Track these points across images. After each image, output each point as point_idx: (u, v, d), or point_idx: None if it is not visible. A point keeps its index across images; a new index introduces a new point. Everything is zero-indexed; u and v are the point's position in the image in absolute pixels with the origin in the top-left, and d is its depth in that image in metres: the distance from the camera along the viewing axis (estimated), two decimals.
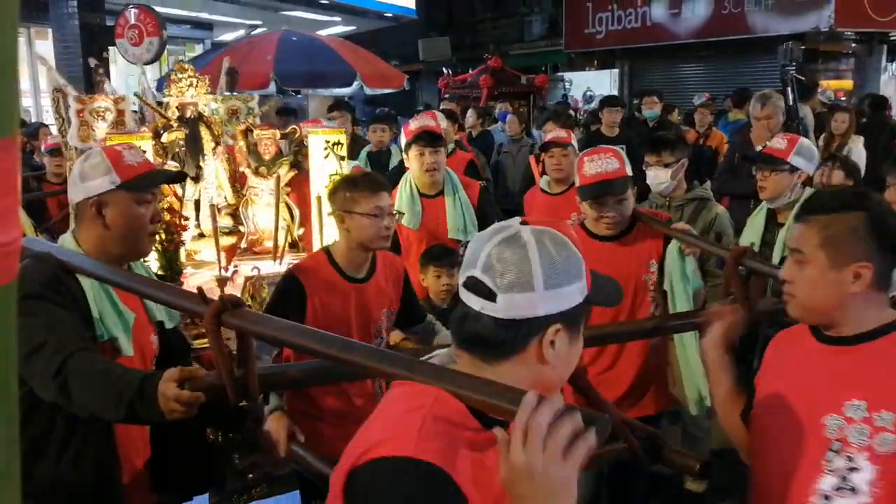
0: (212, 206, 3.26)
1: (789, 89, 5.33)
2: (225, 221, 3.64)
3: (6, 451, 0.64)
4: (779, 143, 3.62)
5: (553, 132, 4.79)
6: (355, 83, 10.41)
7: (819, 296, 1.70)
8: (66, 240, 2.15)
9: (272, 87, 9.51)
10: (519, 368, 1.29)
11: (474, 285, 1.27)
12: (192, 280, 3.27)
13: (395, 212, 2.84)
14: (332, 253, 2.77)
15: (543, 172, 4.76)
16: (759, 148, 5.30)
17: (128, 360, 2.05)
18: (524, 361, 1.29)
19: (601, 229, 3.05)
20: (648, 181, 3.99)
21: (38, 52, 10.16)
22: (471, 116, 9.29)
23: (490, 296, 1.25)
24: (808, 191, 3.55)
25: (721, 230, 3.75)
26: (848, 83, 14.29)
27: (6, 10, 0.57)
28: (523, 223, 1.32)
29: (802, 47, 7.58)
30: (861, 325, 1.68)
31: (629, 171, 3.01)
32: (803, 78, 6.66)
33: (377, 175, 2.94)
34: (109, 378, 1.77)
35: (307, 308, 2.66)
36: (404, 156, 4.12)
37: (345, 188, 2.70)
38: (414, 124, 4.03)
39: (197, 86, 3.49)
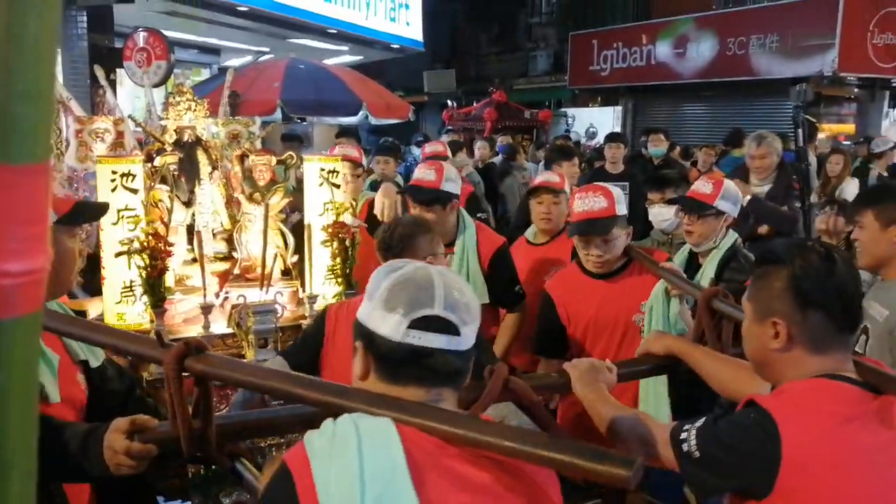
0: (198, 231, 3.23)
1: (800, 131, 5.33)
2: (220, 246, 3.62)
3: (23, 483, 0.63)
4: (704, 187, 3.54)
5: (544, 175, 4.41)
6: (361, 112, 10.49)
7: (750, 350, 1.70)
8: None
9: (278, 114, 9.56)
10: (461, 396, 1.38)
11: (436, 325, 1.29)
12: (179, 306, 3.24)
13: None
14: None
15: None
16: (754, 186, 5.32)
17: (55, 406, 1.89)
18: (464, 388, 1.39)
19: (592, 267, 3.05)
20: (651, 218, 3.98)
21: None
22: (482, 148, 9.35)
23: (455, 331, 1.30)
24: (732, 235, 3.52)
25: None
26: (850, 127, 14.39)
27: (45, 37, 0.57)
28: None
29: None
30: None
31: (621, 210, 3.00)
32: (814, 120, 6.69)
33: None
34: (47, 432, 1.62)
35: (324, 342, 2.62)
36: None
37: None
38: (417, 172, 3.71)
39: (195, 109, 3.49)
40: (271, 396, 1.61)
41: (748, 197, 4.98)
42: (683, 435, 1.58)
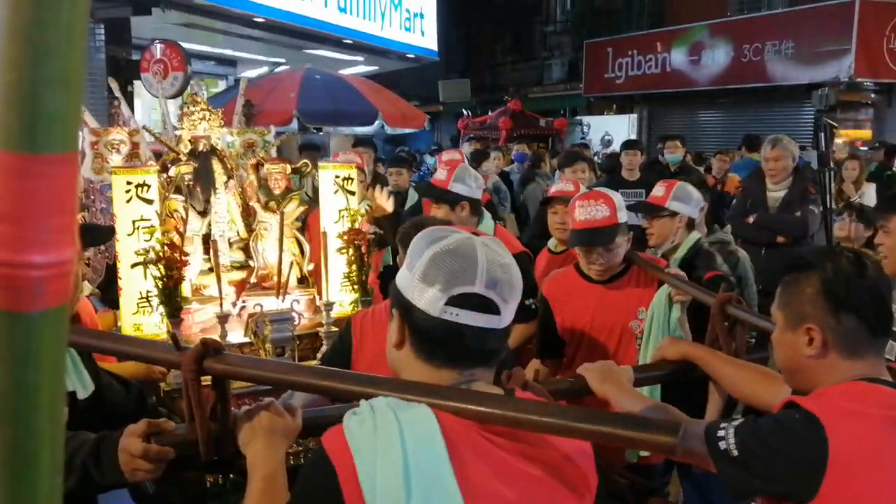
0: (214, 241, 3.24)
1: (822, 135, 5.29)
2: (236, 255, 3.63)
3: (50, 481, 0.63)
4: (658, 190, 3.70)
5: (559, 185, 4.45)
6: (377, 122, 10.52)
7: (782, 358, 1.68)
8: None
9: (294, 124, 9.61)
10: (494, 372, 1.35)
11: (476, 303, 1.25)
12: (196, 316, 3.24)
13: None
14: None
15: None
16: (770, 191, 5.30)
17: None
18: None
19: (592, 273, 3.03)
20: None
21: None
22: (497, 158, 9.26)
23: (495, 310, 1.27)
24: (694, 234, 3.61)
25: (742, 274, 3.71)
26: (867, 133, 14.27)
27: (77, 24, 0.56)
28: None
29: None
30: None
31: (622, 217, 2.97)
32: (836, 125, 6.65)
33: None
34: None
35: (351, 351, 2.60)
36: None
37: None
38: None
39: (210, 119, 3.50)
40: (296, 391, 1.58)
41: (752, 218, 5.20)
42: (721, 433, 1.54)
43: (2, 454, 0.60)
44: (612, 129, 17.67)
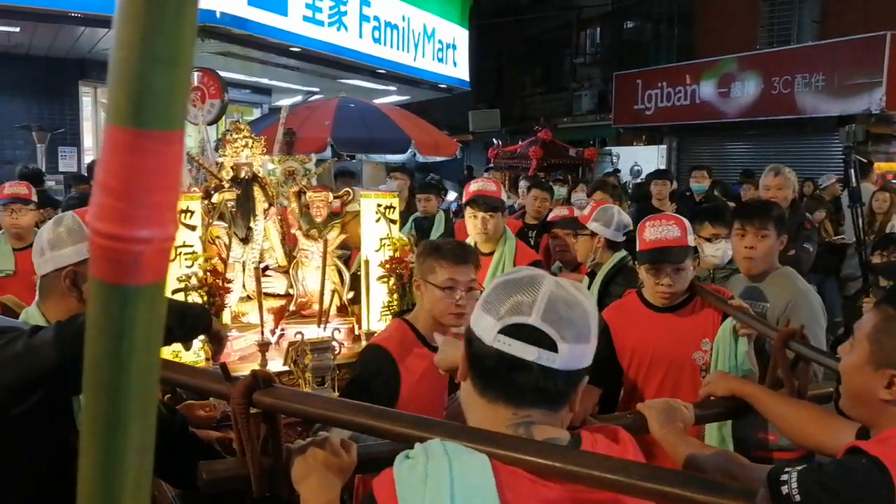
0: (256, 268, 3.25)
1: (852, 171, 5.24)
2: (275, 283, 3.64)
3: (140, 459, 0.62)
4: (584, 210, 4.11)
5: (556, 211, 4.95)
6: (409, 150, 10.61)
7: (852, 387, 1.62)
8: (32, 314, 1.96)
9: (329, 151, 9.71)
10: (563, 420, 1.27)
11: (529, 334, 1.19)
12: (237, 343, 3.24)
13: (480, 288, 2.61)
14: (413, 322, 2.63)
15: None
16: None
17: None
18: (566, 414, 1.27)
19: (657, 299, 2.98)
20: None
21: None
22: (525, 188, 9.08)
23: (550, 346, 1.19)
24: (619, 254, 3.88)
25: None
26: None
27: (188, 3, 0.57)
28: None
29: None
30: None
31: (692, 241, 2.94)
32: (865, 160, 6.59)
33: (468, 246, 2.87)
34: None
35: (401, 387, 2.50)
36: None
37: (428, 253, 2.59)
38: (473, 186, 4.14)
39: (252, 146, 3.52)
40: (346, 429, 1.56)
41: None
42: (784, 477, 1.52)
43: (93, 426, 0.61)
44: (642, 160, 17.64)
